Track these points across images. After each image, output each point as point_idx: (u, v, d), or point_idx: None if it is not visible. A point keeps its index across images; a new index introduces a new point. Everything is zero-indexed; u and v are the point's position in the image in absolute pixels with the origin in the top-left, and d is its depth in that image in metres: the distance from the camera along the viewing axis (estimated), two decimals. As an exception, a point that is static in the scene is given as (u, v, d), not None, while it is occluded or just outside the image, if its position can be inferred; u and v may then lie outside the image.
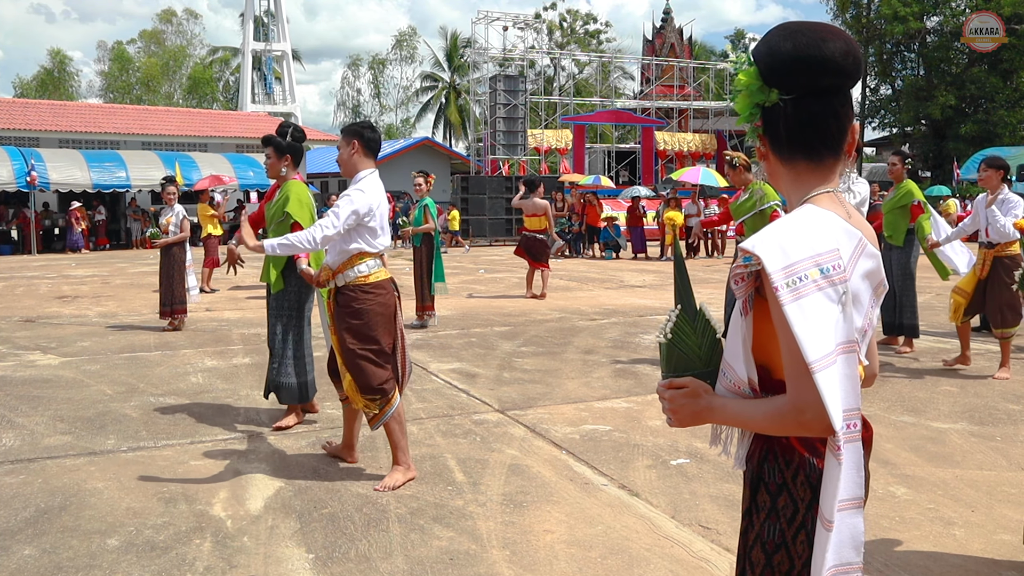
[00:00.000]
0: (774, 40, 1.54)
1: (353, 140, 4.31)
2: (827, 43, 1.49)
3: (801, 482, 1.51)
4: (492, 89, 31.44)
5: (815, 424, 1.42)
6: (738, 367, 1.54)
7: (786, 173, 1.60)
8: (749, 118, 1.58)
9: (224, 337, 8.92)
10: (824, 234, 1.46)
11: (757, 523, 1.56)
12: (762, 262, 1.42)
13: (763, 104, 1.55)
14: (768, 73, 1.53)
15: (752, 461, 1.59)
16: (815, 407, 1.40)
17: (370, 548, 3.54)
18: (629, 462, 4.65)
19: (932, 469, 4.50)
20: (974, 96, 36.88)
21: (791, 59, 1.50)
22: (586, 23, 54.07)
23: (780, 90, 1.53)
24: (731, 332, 1.58)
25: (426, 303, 9.48)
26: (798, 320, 1.39)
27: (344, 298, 4.25)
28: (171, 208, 9.55)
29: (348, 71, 61.27)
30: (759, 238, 1.46)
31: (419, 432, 5.24)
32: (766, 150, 1.61)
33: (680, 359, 1.60)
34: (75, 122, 31.45)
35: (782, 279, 1.40)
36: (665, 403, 1.60)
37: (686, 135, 36.10)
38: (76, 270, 18.12)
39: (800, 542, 1.51)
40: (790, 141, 1.56)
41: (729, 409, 1.54)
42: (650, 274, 16.25)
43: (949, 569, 3.32)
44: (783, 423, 1.47)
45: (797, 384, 1.43)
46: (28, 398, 6.17)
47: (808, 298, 1.40)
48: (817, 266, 1.42)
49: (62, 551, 3.51)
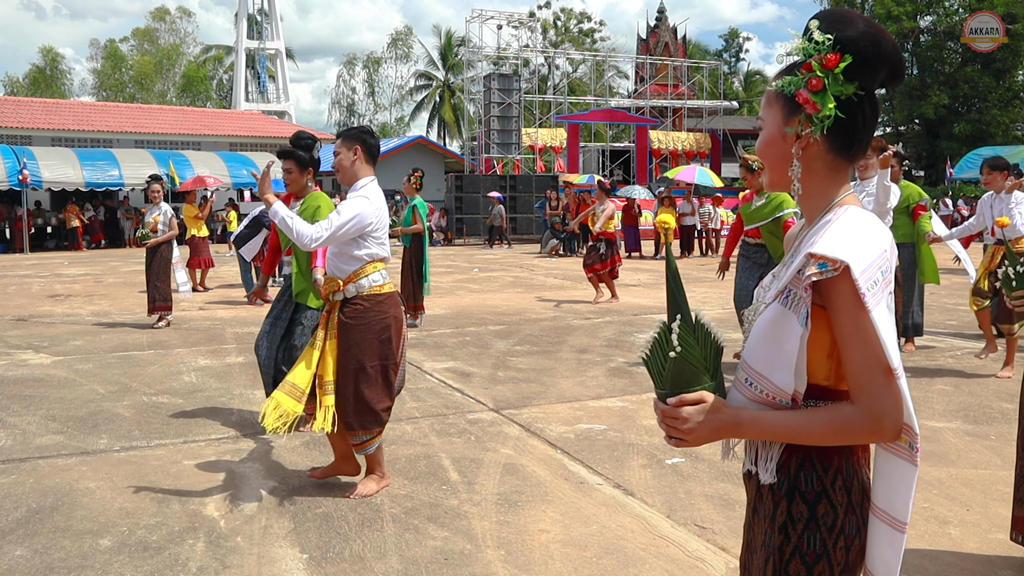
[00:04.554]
0: (869, 32, 1.44)
1: (356, 146, 4.08)
2: (893, 42, 1.46)
3: (839, 487, 1.48)
4: (486, 88, 31.39)
5: (890, 431, 1.40)
6: (777, 377, 1.46)
7: (826, 170, 1.52)
8: (832, 110, 1.44)
9: (217, 336, 8.89)
10: (876, 236, 1.44)
11: (794, 536, 1.49)
12: (848, 267, 1.37)
13: (839, 96, 1.45)
14: (863, 65, 1.44)
15: (785, 471, 1.51)
16: (895, 414, 1.38)
17: (364, 548, 3.52)
18: (624, 461, 4.64)
19: (927, 468, 4.50)
20: (967, 95, 37.00)
21: (887, 56, 1.44)
22: (580, 22, 54.03)
23: (859, 84, 1.45)
24: (764, 340, 1.48)
25: (417, 302, 9.49)
26: (883, 325, 1.37)
27: (354, 309, 4.00)
28: (157, 207, 9.54)
29: (343, 69, 61.08)
30: (834, 244, 1.39)
31: (413, 431, 5.23)
32: (813, 143, 1.50)
33: (687, 373, 1.47)
34: (67, 120, 31.33)
35: (865, 284, 1.37)
36: (676, 422, 1.46)
37: (680, 134, 36.13)
38: (68, 269, 18.04)
39: (840, 548, 1.48)
40: (854, 139, 1.49)
41: (767, 422, 1.45)
42: (644, 273, 16.25)
43: (944, 568, 3.32)
44: (850, 432, 1.41)
45: (874, 391, 1.38)
46: (20, 397, 6.14)
47: (882, 303, 1.39)
48: (879, 269, 1.40)
49: (54, 551, 3.48)
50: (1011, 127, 36.80)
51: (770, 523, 1.53)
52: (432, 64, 58.35)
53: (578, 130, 34.03)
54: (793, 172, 1.52)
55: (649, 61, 37.10)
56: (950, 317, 9.92)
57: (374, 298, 4.02)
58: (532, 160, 33.97)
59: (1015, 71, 36.65)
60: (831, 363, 1.46)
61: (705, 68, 38.75)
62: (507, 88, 31.15)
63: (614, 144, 37.47)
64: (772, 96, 1.55)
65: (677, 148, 35.33)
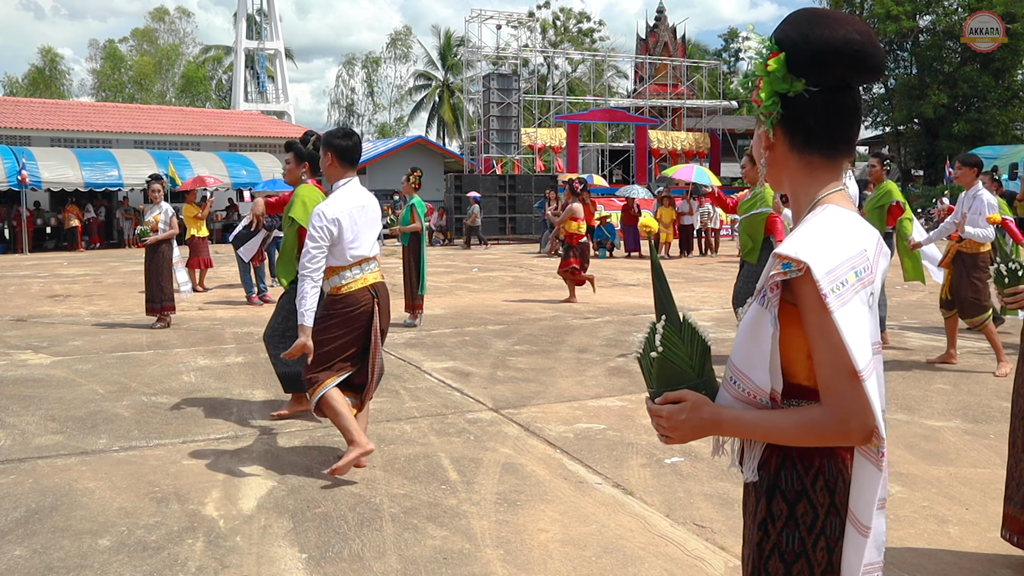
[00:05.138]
0: (806, 27, 1.45)
1: (328, 152, 4.39)
2: (859, 35, 1.43)
3: (820, 487, 1.47)
4: (486, 88, 31.41)
5: (858, 433, 1.38)
6: (756, 376, 1.47)
7: (798, 168, 1.53)
8: (770, 107, 1.48)
9: (217, 336, 8.89)
10: (853, 235, 1.42)
11: (774, 533, 1.50)
12: (809, 268, 1.36)
13: (785, 93, 1.46)
14: (798, 61, 1.44)
15: (766, 469, 1.52)
16: (860, 416, 1.37)
17: (363, 547, 3.52)
18: (623, 460, 4.64)
19: (926, 467, 4.50)
20: (966, 95, 36.99)
21: (828, 50, 1.42)
22: (579, 21, 54.02)
23: (808, 80, 1.45)
24: (746, 339, 1.50)
25: (415, 301, 9.50)
26: (847, 327, 1.34)
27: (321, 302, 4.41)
28: (157, 206, 9.55)
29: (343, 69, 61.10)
30: (798, 243, 1.39)
31: (412, 431, 5.23)
32: (776, 141, 1.53)
33: (672, 372, 1.51)
34: (67, 121, 31.32)
35: (828, 285, 1.35)
36: (661, 420, 1.51)
37: (679, 134, 36.15)
38: (68, 269, 18.04)
39: (820, 549, 1.48)
40: (812, 135, 1.49)
41: (745, 420, 1.47)
42: (643, 273, 16.24)
43: (943, 567, 3.32)
44: (819, 433, 1.41)
45: (839, 393, 1.37)
46: (19, 397, 6.14)
47: (850, 304, 1.36)
48: (852, 269, 1.38)
49: (53, 551, 3.48)
50: (1010, 126, 36.79)
51: (752, 519, 1.55)
52: (431, 64, 58.37)
53: (577, 130, 34.04)
54: (761, 166, 1.56)
55: (648, 61, 37.12)
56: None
57: (332, 296, 4.40)
58: (531, 160, 33.97)
59: (1014, 70, 36.66)
60: (810, 363, 1.46)
61: (704, 68, 38.77)
62: (506, 88, 31.17)
63: (613, 144, 37.50)
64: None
65: (676, 148, 35.35)
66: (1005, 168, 24.41)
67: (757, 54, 1.49)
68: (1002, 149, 29.55)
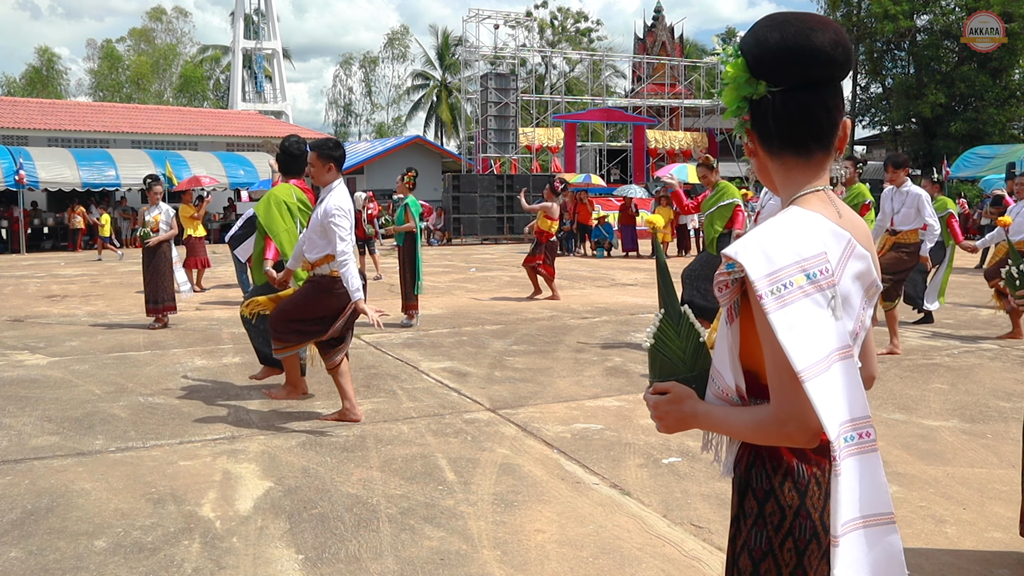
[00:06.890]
0: (761, 31, 1.47)
1: (329, 162, 5.27)
2: (816, 33, 1.43)
3: (788, 488, 1.47)
4: (483, 87, 31.40)
5: (798, 435, 1.38)
6: (726, 374, 1.50)
7: (776, 169, 1.54)
8: (736, 112, 1.51)
9: (214, 336, 8.87)
10: (810, 237, 1.40)
11: (744, 530, 1.52)
12: (744, 269, 1.37)
13: (751, 97, 1.49)
14: (756, 65, 1.46)
15: (740, 467, 1.54)
16: (799, 418, 1.36)
17: (360, 548, 3.51)
18: (620, 461, 4.64)
19: (923, 467, 4.50)
20: (964, 94, 37.02)
21: (779, 50, 1.44)
22: (577, 21, 54.03)
23: (768, 82, 1.46)
24: (719, 338, 1.53)
25: (410, 301, 9.49)
26: (783, 328, 1.33)
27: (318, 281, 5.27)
28: (157, 206, 9.55)
29: (340, 69, 61.07)
30: (742, 244, 1.40)
31: (410, 431, 5.22)
32: (754, 146, 1.55)
33: (664, 364, 1.57)
34: (64, 120, 31.30)
35: (766, 286, 1.35)
36: (651, 409, 1.57)
37: (677, 133, 36.16)
38: (65, 269, 18.01)
39: (787, 550, 1.47)
40: (779, 136, 1.50)
41: (713, 416, 1.51)
42: (641, 272, 16.25)
43: (941, 567, 3.32)
44: (766, 433, 1.43)
45: (780, 394, 1.38)
46: (15, 398, 6.12)
47: (794, 305, 1.34)
48: (803, 271, 1.36)
49: (49, 553, 3.47)
50: (1008, 126, 36.80)
51: (732, 516, 1.58)
52: (429, 64, 58.36)
53: (575, 129, 34.03)
54: (752, 168, 1.60)
55: (646, 60, 37.14)
56: (947, 316, 9.93)
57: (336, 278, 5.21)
58: (529, 160, 33.96)
59: (1012, 70, 36.66)
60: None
61: (702, 67, 38.75)
62: (504, 88, 31.16)
63: (611, 143, 37.48)
64: None
65: (674, 147, 35.36)
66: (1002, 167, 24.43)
67: (722, 62, 1.52)
68: (999, 148, 29.54)
